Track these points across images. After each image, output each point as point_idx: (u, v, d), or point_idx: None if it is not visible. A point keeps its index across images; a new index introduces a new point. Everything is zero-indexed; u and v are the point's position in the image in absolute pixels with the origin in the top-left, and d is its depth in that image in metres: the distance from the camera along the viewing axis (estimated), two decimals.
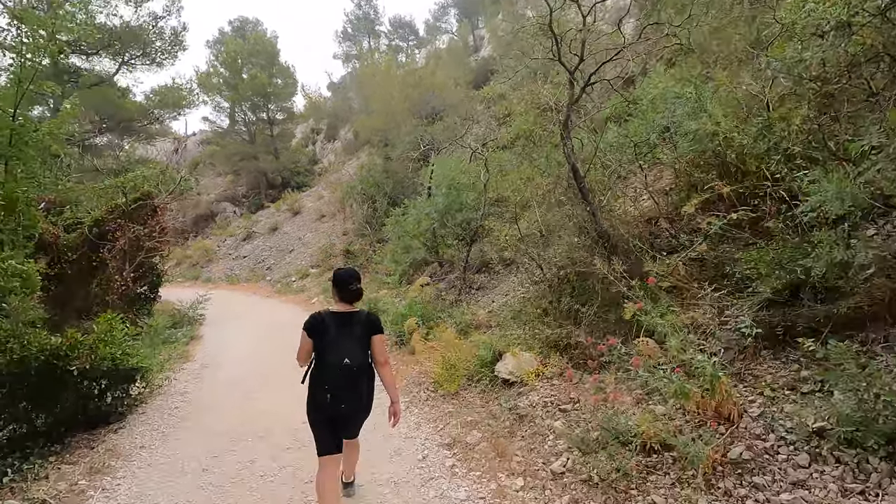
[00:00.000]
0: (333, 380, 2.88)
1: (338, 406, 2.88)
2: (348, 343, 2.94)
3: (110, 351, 4.96)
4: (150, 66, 19.83)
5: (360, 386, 2.97)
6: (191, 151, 36.79)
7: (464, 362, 5.34)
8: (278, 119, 30.40)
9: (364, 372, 2.99)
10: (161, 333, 9.37)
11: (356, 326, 3.01)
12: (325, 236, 19.53)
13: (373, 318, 3.12)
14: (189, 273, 22.32)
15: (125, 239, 9.89)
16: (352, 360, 2.89)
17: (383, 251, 14.00)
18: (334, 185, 23.69)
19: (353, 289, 3.06)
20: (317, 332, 2.95)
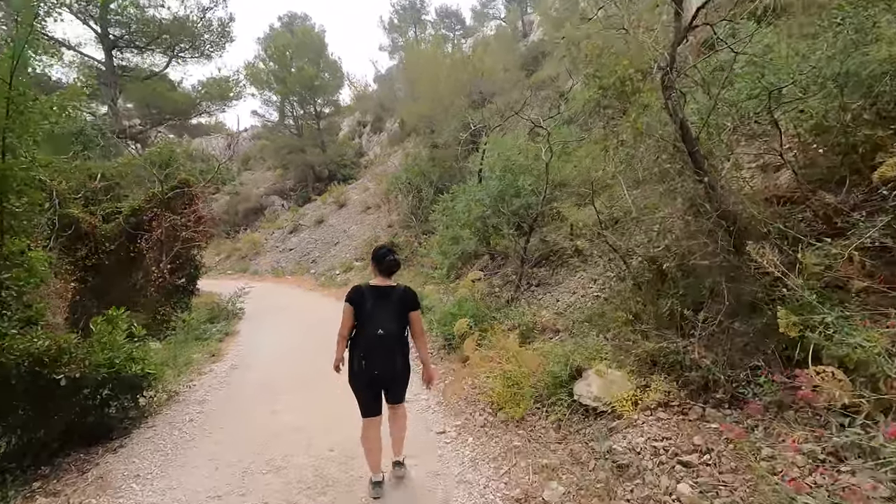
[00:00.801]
0: (367, 347, 3.08)
1: (371, 371, 3.10)
2: (383, 314, 3.10)
3: (108, 356, 4.14)
4: (198, 59, 19.63)
5: (392, 354, 3.13)
6: (243, 147, 37.14)
7: (529, 378, 4.18)
8: (325, 112, 30.00)
9: (397, 342, 3.15)
10: (196, 329, 8.70)
11: (393, 299, 3.17)
12: (369, 228, 18.77)
13: (409, 293, 3.28)
14: (238, 265, 22.18)
15: (161, 228, 9.28)
16: (385, 331, 3.06)
17: (429, 243, 12.96)
18: (379, 176, 22.96)
19: (388, 260, 3.25)
20: (357, 303, 3.13)
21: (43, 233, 8.16)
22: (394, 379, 3.22)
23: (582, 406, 3.65)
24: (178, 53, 19.01)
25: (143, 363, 4.51)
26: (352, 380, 3.19)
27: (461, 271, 9.97)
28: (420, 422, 4.40)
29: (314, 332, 8.63)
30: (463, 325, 5.85)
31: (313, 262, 18.93)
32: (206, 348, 7.69)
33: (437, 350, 6.56)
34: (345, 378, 3.23)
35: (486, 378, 4.65)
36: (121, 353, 4.25)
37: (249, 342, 8.26)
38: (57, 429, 4.00)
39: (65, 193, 8.66)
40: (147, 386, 4.73)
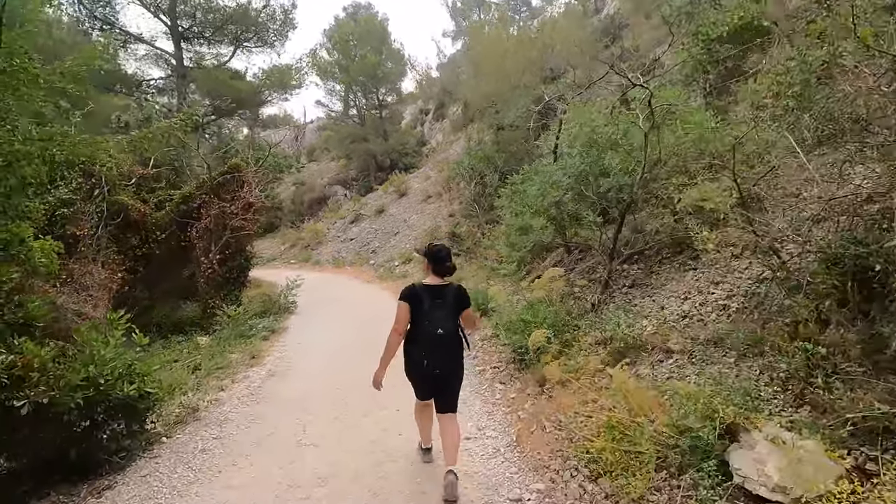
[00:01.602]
0: (429, 347, 3.10)
1: (433, 370, 3.13)
2: (441, 313, 3.10)
3: (91, 372, 3.26)
4: (262, 48, 19.35)
5: (452, 352, 3.19)
6: (309, 138, 37.42)
7: (646, 429, 2.86)
8: (387, 101, 29.31)
9: (455, 340, 3.20)
10: (241, 325, 7.99)
11: (448, 299, 3.16)
12: (430, 218, 17.76)
13: (462, 291, 3.33)
14: (301, 255, 21.96)
15: (210, 216, 8.64)
16: (445, 330, 3.08)
17: (494, 234, 11.67)
18: (441, 164, 21.92)
19: (448, 265, 3.23)
20: (412, 303, 3.11)
21: (91, 220, 7.74)
22: (452, 375, 3.25)
23: (748, 494, 2.28)
24: (242, 43, 18.79)
25: (143, 381, 3.61)
26: (410, 370, 3.27)
27: (531, 266, 8.64)
28: (486, 473, 3.21)
29: (366, 331, 7.64)
30: (540, 336, 4.55)
31: (373, 253, 18.21)
32: (248, 348, 6.91)
33: (506, 365, 5.32)
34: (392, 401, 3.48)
35: (579, 419, 3.35)
36: (108, 368, 3.37)
37: (295, 342, 7.41)
38: (29, 464, 3.19)
39: (114, 180, 8.20)
40: (146, 409, 3.82)
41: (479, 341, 6.51)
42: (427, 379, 3.21)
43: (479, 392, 4.82)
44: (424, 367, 3.11)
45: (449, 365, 3.18)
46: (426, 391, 3.31)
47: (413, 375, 3.26)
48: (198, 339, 7.99)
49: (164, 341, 8.23)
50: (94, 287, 7.04)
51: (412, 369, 3.23)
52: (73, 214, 7.35)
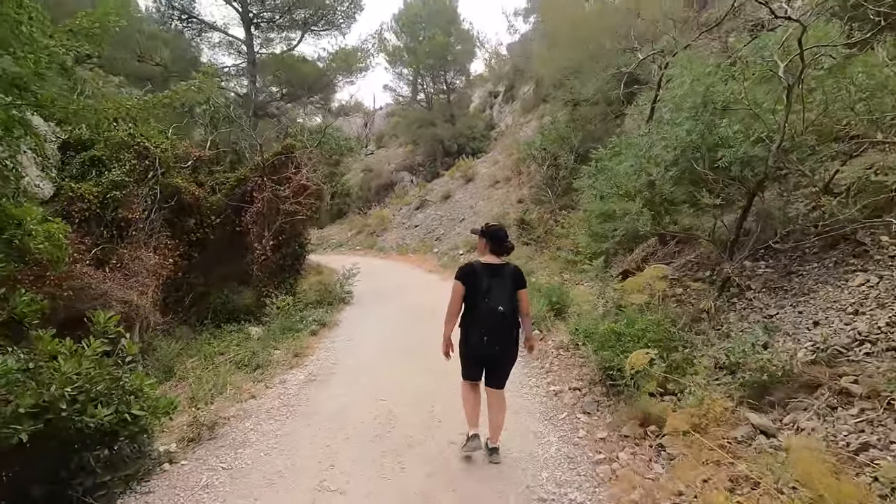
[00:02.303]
0: (489, 325, 3.04)
1: (492, 348, 3.09)
2: (500, 292, 3.06)
3: (50, 395, 2.54)
4: (330, 31, 18.94)
5: (511, 331, 3.13)
6: (378, 125, 37.29)
7: None
8: (456, 84, 28.25)
9: (513, 318, 3.13)
10: (292, 316, 7.39)
11: (506, 278, 3.13)
12: (497, 204, 16.62)
13: (518, 271, 3.24)
14: (367, 241, 21.66)
15: (263, 200, 8.10)
16: (504, 308, 3.03)
17: (569, 221, 10.35)
18: (510, 148, 20.65)
19: (507, 244, 3.24)
20: (469, 282, 3.10)
21: (143, 203, 7.41)
22: (508, 355, 3.20)
23: None
24: (310, 27, 18.46)
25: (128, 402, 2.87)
26: (465, 351, 3.22)
27: (613, 259, 7.33)
28: None
29: (422, 327, 6.77)
30: (641, 359, 3.36)
31: (437, 240, 17.40)
32: (293, 343, 6.24)
33: (590, 387, 4.17)
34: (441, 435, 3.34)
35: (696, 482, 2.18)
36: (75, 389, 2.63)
37: (344, 338, 6.67)
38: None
39: (168, 161, 7.85)
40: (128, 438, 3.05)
41: (552, 349, 5.39)
42: (484, 359, 3.18)
43: (555, 423, 3.74)
44: (484, 345, 3.06)
45: (507, 344, 3.14)
46: (477, 370, 3.25)
47: (466, 354, 3.22)
48: (249, 330, 7.51)
49: (218, 330, 7.86)
50: (143, 273, 6.69)
51: (470, 350, 3.17)
52: (126, 197, 7.04)
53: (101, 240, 6.73)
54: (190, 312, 8.07)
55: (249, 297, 8.68)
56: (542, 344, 5.70)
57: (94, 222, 6.73)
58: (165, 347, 6.20)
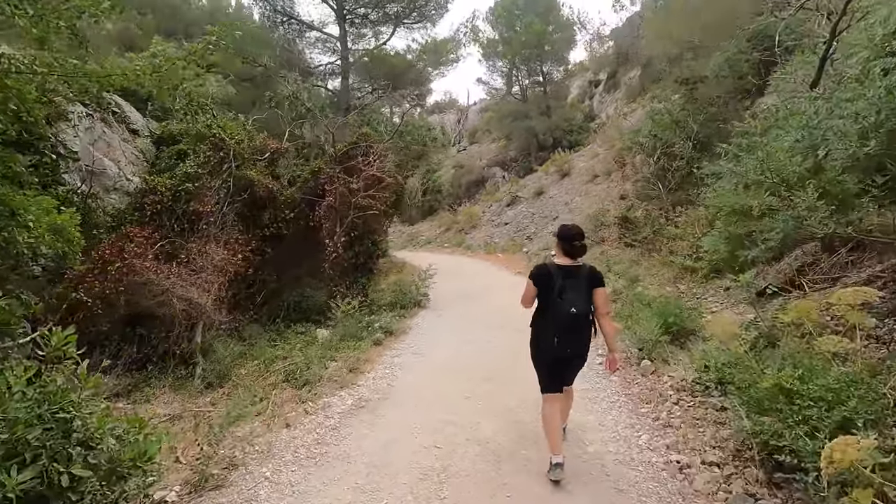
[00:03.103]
0: (561, 327, 2.96)
1: (564, 350, 3.01)
2: (574, 294, 2.97)
3: None
4: (422, 24, 18.35)
5: (584, 333, 3.03)
6: (471, 120, 36.50)
7: None
8: (553, 75, 26.45)
9: (587, 321, 3.03)
10: (358, 321, 6.65)
11: (581, 279, 3.03)
12: (596, 200, 14.90)
13: (595, 272, 3.11)
14: (454, 239, 20.88)
15: (335, 194, 7.47)
16: (578, 310, 2.93)
17: (688, 218, 8.57)
18: (612, 140, 18.68)
19: (576, 245, 3.09)
20: (543, 282, 3.03)
21: (215, 197, 7.11)
22: (580, 357, 3.12)
23: None
24: (402, 20, 18.00)
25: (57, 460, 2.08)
26: (536, 355, 3.17)
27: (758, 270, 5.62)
28: None
29: (502, 343, 5.67)
30: (852, 452, 1.97)
31: (528, 239, 16.08)
32: (353, 354, 5.46)
33: (738, 463, 2.79)
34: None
35: None
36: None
37: (411, 350, 5.76)
38: None
39: (243, 153, 7.51)
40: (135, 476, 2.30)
41: (669, 390, 4.01)
42: (558, 362, 3.10)
43: None
44: (555, 347, 2.99)
45: (580, 347, 3.06)
46: (555, 378, 3.15)
47: (543, 360, 3.15)
48: (316, 333, 6.92)
49: (287, 330, 7.39)
50: (209, 269, 6.33)
51: (542, 354, 3.12)
52: (198, 190, 6.76)
53: (172, 233, 6.49)
54: (261, 310, 7.70)
55: (322, 296, 8.15)
56: (655, 380, 4.32)
57: (166, 215, 6.50)
58: (221, 350, 5.72)
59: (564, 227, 3.22)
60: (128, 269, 5.35)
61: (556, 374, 3.13)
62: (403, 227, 28.17)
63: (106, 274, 5.24)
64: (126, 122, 8.72)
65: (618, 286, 8.01)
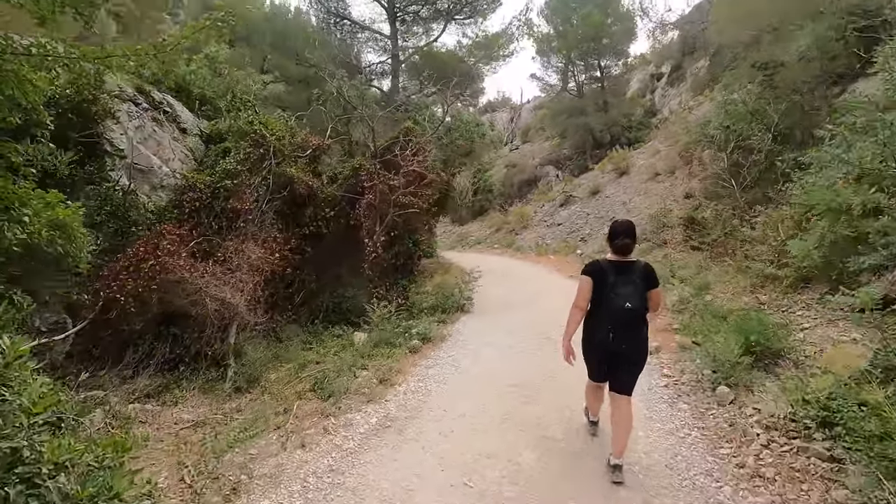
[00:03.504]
0: (616, 321, 2.93)
1: (619, 345, 2.95)
2: (627, 289, 2.93)
3: None
4: (472, 19, 17.83)
5: (639, 330, 2.99)
6: (525, 118, 35.58)
7: None
8: (611, 69, 25.12)
9: (642, 317, 3.00)
10: (395, 325, 6.22)
11: (635, 275, 2.99)
12: (657, 200, 13.79)
13: (650, 270, 3.08)
14: (504, 240, 20.19)
15: (375, 191, 7.10)
16: (632, 305, 2.90)
17: (770, 219, 7.52)
18: (675, 135, 17.36)
19: (619, 243, 3.06)
20: (597, 278, 3.01)
21: (254, 194, 6.93)
22: (636, 355, 3.01)
23: None
24: (453, 16, 17.57)
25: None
26: (587, 350, 3.15)
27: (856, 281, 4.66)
28: None
29: (552, 353, 5.04)
30: None
31: (582, 241, 15.17)
32: (385, 363, 5.02)
33: None
34: None
35: None
36: None
37: (449, 361, 5.24)
38: None
39: (283, 149, 7.30)
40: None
41: (755, 427, 3.25)
42: (609, 357, 3.03)
43: None
44: (609, 342, 2.95)
45: (634, 343, 2.98)
46: (603, 371, 3.12)
47: (593, 354, 3.14)
48: (353, 337, 6.58)
49: (326, 332, 7.10)
50: (244, 268, 6.12)
51: (594, 347, 3.11)
52: (237, 187, 6.59)
53: (210, 231, 6.35)
54: (300, 311, 7.46)
55: (362, 298, 7.81)
56: (735, 412, 3.57)
57: (204, 212, 6.36)
58: (252, 353, 5.45)
59: (614, 222, 3.20)
60: (161, 267, 5.20)
61: (607, 367, 3.08)
62: (453, 227, 27.77)
63: (139, 272, 5.11)
64: (177, 121, 8.79)
65: (684, 294, 7.13)
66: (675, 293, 7.55)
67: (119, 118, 7.20)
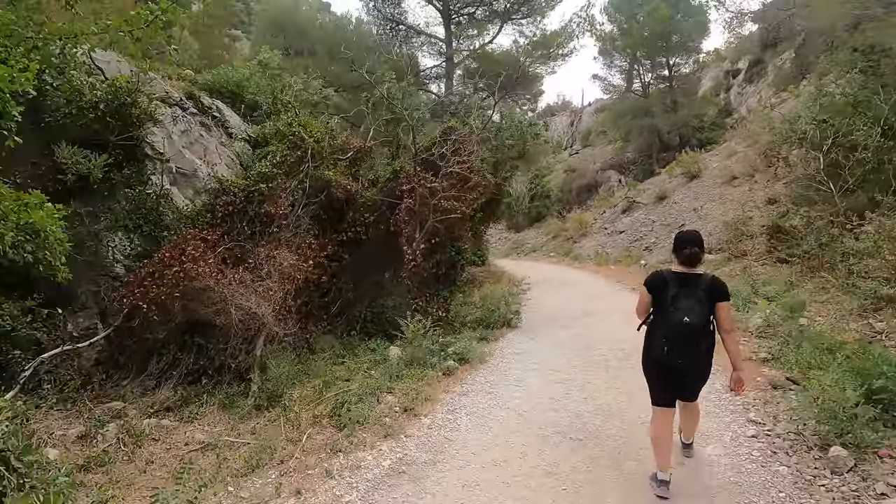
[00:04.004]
0: (672, 336, 2.81)
1: (675, 360, 2.81)
2: (688, 303, 2.79)
3: None
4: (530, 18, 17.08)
5: (698, 345, 2.81)
6: (585, 122, 34.10)
7: None
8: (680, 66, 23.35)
9: (703, 333, 2.81)
10: (433, 341, 5.60)
11: (699, 288, 2.82)
12: (734, 206, 12.33)
13: (717, 283, 2.88)
14: (561, 248, 19.13)
15: (415, 195, 6.58)
16: (691, 319, 2.74)
17: (883, 228, 6.23)
18: (756, 135, 15.65)
19: (686, 252, 2.87)
20: (656, 289, 2.92)
21: (289, 198, 6.60)
22: (696, 371, 2.89)
23: None
24: (510, 16, 16.91)
25: None
26: (646, 364, 3.03)
27: None
28: None
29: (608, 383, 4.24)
30: None
31: (646, 250, 13.91)
32: (413, 387, 4.42)
33: None
34: None
35: None
36: None
37: (486, 388, 4.55)
38: None
39: (322, 152, 6.94)
40: None
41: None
42: (668, 373, 2.87)
43: None
44: (665, 356, 2.81)
45: (693, 359, 2.82)
46: (665, 389, 2.94)
47: (652, 370, 2.98)
48: (389, 351, 6.06)
49: (362, 345, 6.64)
50: (275, 275, 5.77)
51: (652, 363, 2.96)
52: (272, 191, 6.29)
53: (242, 236, 6.07)
54: (336, 321, 7.05)
55: (403, 309, 7.28)
56: (859, 485, 2.64)
57: (237, 217, 6.10)
58: (275, 368, 5.04)
59: (679, 232, 3.04)
60: (184, 274, 4.92)
61: (667, 385, 2.94)
62: (509, 234, 26.93)
63: (163, 278, 4.86)
64: (225, 126, 8.74)
65: (771, 315, 6.00)
66: (760, 314, 6.43)
67: (164, 122, 7.16)
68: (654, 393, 2.98)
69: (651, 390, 3.00)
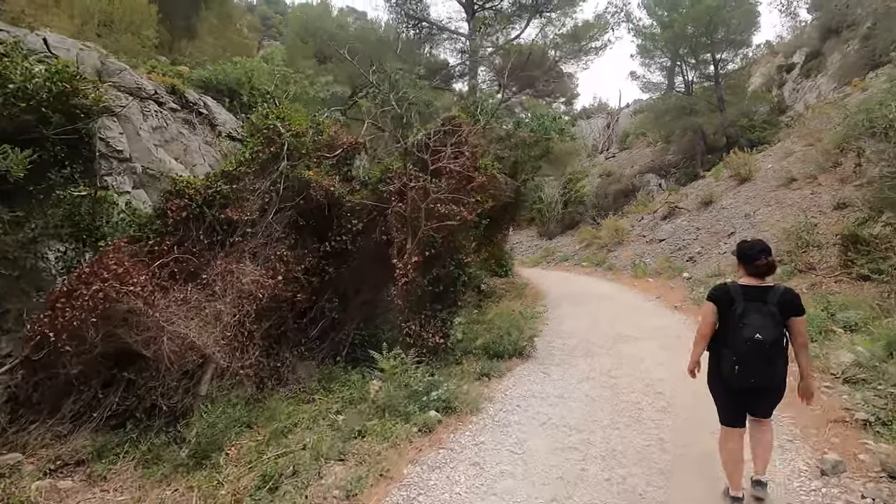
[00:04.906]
0: (743, 354, 2.53)
1: (747, 380, 2.56)
2: (759, 318, 2.52)
3: None
4: (560, 10, 15.73)
5: (772, 363, 2.54)
6: (622, 124, 32.16)
7: None
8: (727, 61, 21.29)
9: (777, 350, 2.54)
10: (418, 379, 4.39)
11: (770, 302, 2.56)
12: (793, 211, 10.57)
13: (790, 295, 2.59)
14: (595, 257, 17.50)
15: (407, 197, 5.41)
16: (763, 336, 2.48)
17: None
18: (816, 133, 13.73)
19: (759, 264, 2.63)
20: (722, 304, 2.67)
21: (257, 202, 5.56)
22: (770, 390, 2.63)
23: None
24: (539, 9, 15.61)
25: None
26: (715, 383, 2.77)
27: None
28: None
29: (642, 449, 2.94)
30: None
31: (689, 261, 12.22)
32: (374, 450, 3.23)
33: None
34: None
35: None
36: None
37: (468, 459, 3.28)
38: None
39: (301, 149, 5.89)
40: None
41: None
42: (739, 393, 2.64)
43: None
44: (735, 376, 2.54)
45: (766, 378, 2.55)
46: (735, 409, 2.73)
47: (720, 390, 2.75)
48: (370, 385, 4.89)
49: (343, 375, 5.49)
50: (231, 294, 4.73)
51: (720, 381, 2.69)
52: (235, 192, 5.27)
53: (199, 247, 5.06)
54: (318, 346, 5.97)
55: (395, 332, 6.12)
56: None
57: (194, 224, 5.10)
58: (206, 417, 3.95)
59: (745, 243, 2.77)
60: (104, 295, 3.93)
61: (737, 405, 2.70)
62: (540, 241, 25.38)
63: (75, 298, 3.89)
64: (212, 124, 7.88)
65: (856, 349, 4.51)
66: (836, 344, 4.96)
67: (130, 117, 6.32)
68: (723, 412, 2.78)
69: (719, 410, 2.80)
